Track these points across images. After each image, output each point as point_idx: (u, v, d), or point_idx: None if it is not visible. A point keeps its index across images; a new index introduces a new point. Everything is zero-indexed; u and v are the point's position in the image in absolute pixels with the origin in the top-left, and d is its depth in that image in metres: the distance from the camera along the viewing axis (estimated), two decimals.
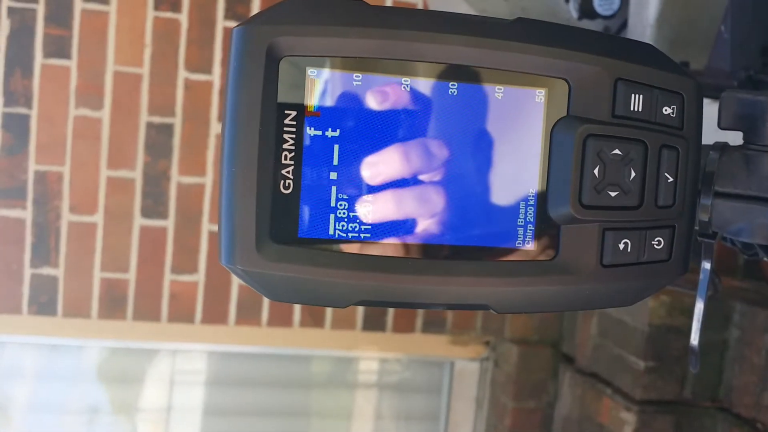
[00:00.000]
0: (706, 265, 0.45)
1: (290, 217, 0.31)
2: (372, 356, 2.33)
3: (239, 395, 2.37)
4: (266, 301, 2.06)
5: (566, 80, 0.33)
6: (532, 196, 0.33)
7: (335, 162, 0.31)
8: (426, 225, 0.32)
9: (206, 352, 2.26)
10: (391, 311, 2.13)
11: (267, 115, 0.30)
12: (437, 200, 0.32)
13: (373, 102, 0.31)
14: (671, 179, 0.33)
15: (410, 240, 0.32)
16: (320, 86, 0.31)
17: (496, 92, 0.32)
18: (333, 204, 0.31)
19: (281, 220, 0.31)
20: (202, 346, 2.21)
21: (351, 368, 2.40)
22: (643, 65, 0.33)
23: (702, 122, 0.34)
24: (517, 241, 0.33)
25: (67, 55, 1.89)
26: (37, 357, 2.22)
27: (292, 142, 0.31)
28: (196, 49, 1.92)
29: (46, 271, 1.97)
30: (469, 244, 0.33)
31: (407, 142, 0.32)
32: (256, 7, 1.92)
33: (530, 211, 0.33)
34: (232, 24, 1.91)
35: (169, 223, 1.97)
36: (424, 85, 0.32)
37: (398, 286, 0.32)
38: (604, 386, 1.98)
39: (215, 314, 2.06)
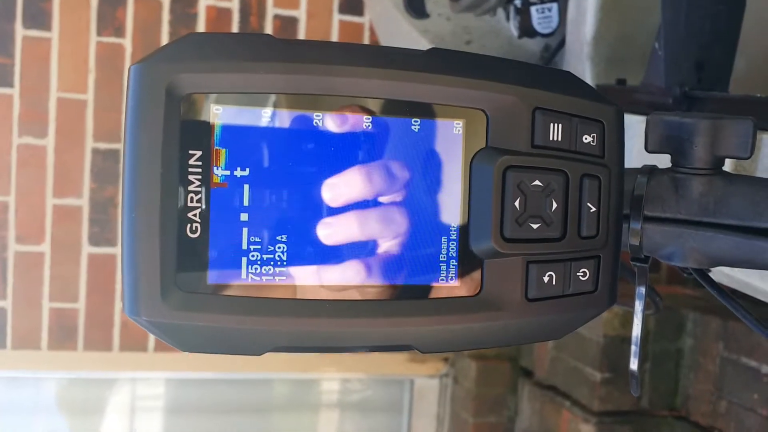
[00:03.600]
0: (641, 290, 0.45)
1: (198, 262, 0.29)
2: (332, 377, 2.31)
3: (201, 422, 2.33)
4: None
5: (483, 111, 0.32)
6: (454, 231, 0.32)
7: (246, 203, 0.30)
8: (345, 265, 0.31)
9: (164, 379, 2.22)
10: None
11: (169, 157, 0.29)
12: (357, 236, 0.31)
13: (283, 139, 0.30)
14: (594, 209, 0.32)
15: (328, 281, 0.31)
16: (226, 124, 0.29)
17: (413, 125, 0.31)
18: (245, 247, 0.30)
19: (189, 266, 0.29)
20: (157, 374, 2.16)
21: (312, 390, 2.37)
22: (562, 93, 0.32)
23: (624, 149, 0.34)
24: (440, 278, 0.32)
25: (9, 83, 1.84)
26: None
27: (198, 183, 0.29)
28: None
29: None
30: (390, 282, 0.32)
31: (321, 180, 0.31)
32: (201, 29, 1.89)
33: (452, 246, 0.32)
34: None
35: (118, 251, 1.93)
36: (337, 119, 0.31)
37: (316, 331, 0.30)
38: (563, 399, 1.99)
39: None
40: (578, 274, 0.33)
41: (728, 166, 0.53)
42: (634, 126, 0.67)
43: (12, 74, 1.84)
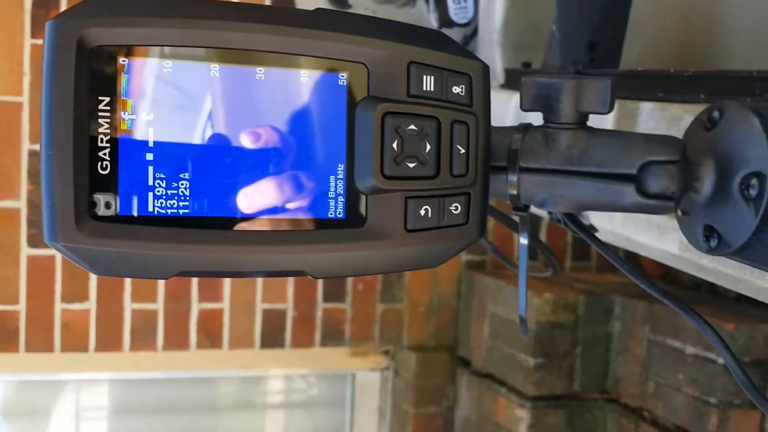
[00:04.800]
0: (523, 240, 0.50)
1: (109, 195, 0.33)
2: (276, 374, 2.33)
3: (146, 422, 2.32)
4: (161, 326, 2.04)
5: (365, 64, 0.36)
6: (341, 171, 0.36)
7: (150, 144, 0.34)
8: (243, 199, 0.35)
9: (108, 380, 2.21)
10: (288, 327, 2.14)
11: (80, 102, 0.32)
12: (253, 176, 0.35)
13: (183, 87, 0.34)
14: (463, 151, 0.37)
15: (228, 213, 0.35)
16: (132, 73, 0.33)
17: (302, 76, 0.36)
18: (151, 183, 0.34)
19: (100, 199, 0.33)
20: (100, 374, 2.16)
21: (256, 388, 2.39)
22: (434, 50, 0.37)
23: (489, 99, 0.39)
24: (329, 212, 0.36)
25: None
26: None
27: (107, 126, 0.33)
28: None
29: None
30: (284, 216, 0.36)
31: (220, 123, 0.34)
32: None
33: (340, 185, 0.36)
34: None
35: (57, 252, 1.93)
36: (232, 70, 0.35)
37: (217, 257, 0.34)
38: (499, 386, 2.05)
39: (109, 341, 2.02)
40: (451, 208, 0.37)
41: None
42: None
43: None
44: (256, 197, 0.35)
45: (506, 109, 0.77)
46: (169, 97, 0.34)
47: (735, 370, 0.41)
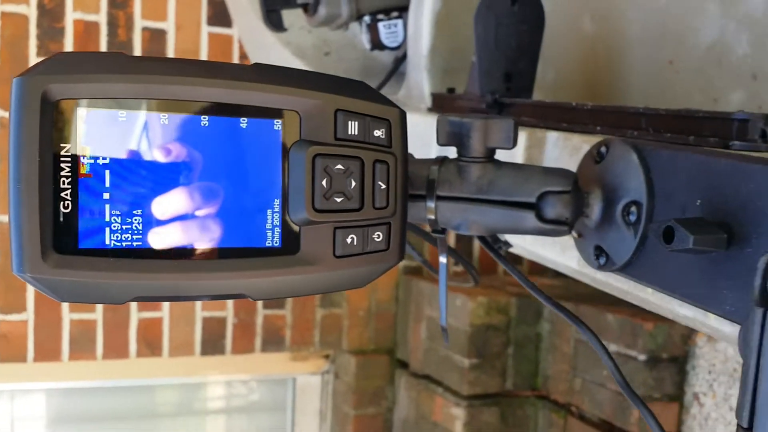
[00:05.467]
0: (443, 259, 0.56)
1: (71, 231, 0.38)
2: (217, 380, 2.35)
3: (85, 431, 2.31)
4: (100, 335, 2.04)
5: (297, 112, 0.41)
6: (278, 205, 0.42)
7: (107, 185, 0.38)
8: (191, 231, 0.40)
9: (45, 390, 2.19)
10: (228, 334, 2.16)
11: (45, 149, 0.37)
12: (200, 209, 0.40)
13: (136, 133, 0.39)
14: (384, 186, 0.43)
15: (177, 244, 0.40)
16: (90, 122, 0.38)
17: (242, 123, 0.41)
18: (107, 219, 0.38)
19: (63, 235, 0.37)
20: (38, 384, 2.14)
21: (197, 395, 2.40)
22: (358, 98, 0.42)
23: (407, 140, 0.44)
24: (267, 241, 0.41)
25: None
26: None
27: (68, 170, 0.37)
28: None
29: None
30: (227, 246, 0.41)
31: (169, 164, 0.39)
32: (69, 43, 1.91)
33: (276, 217, 0.42)
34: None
35: None
36: (180, 118, 0.39)
37: (167, 284, 0.39)
38: (436, 386, 2.12)
39: (48, 351, 2.02)
40: (374, 236, 0.43)
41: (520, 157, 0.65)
42: None
43: None
44: (202, 230, 0.40)
45: (432, 133, 0.83)
46: (124, 144, 0.38)
47: (614, 372, 0.48)
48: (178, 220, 0.40)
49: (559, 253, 0.60)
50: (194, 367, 2.19)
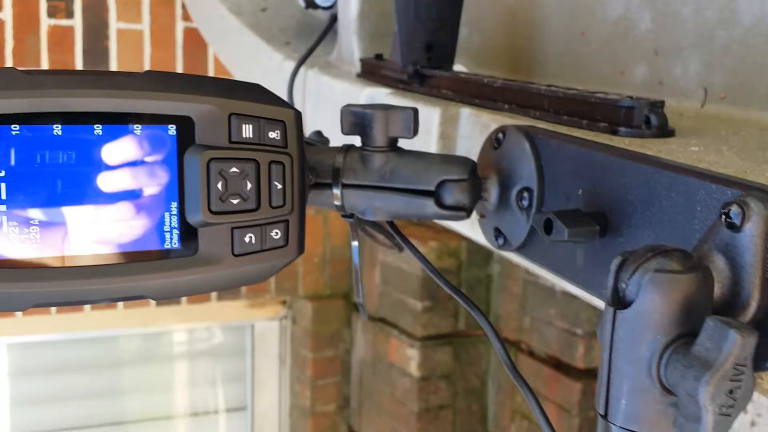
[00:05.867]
0: (354, 243, 0.58)
1: None
2: (178, 328, 2.38)
3: (50, 384, 2.34)
4: None
5: (191, 117, 0.43)
6: (175, 208, 0.43)
7: (3, 197, 0.39)
8: (86, 241, 0.41)
9: (5, 344, 2.21)
10: None
11: None
12: (96, 217, 0.41)
13: (30, 146, 0.40)
14: (280, 186, 0.44)
15: (78, 252, 0.41)
16: None
17: (135, 130, 0.42)
18: (5, 230, 0.40)
19: None
20: None
21: (159, 343, 2.44)
22: (251, 101, 0.44)
23: (303, 140, 0.46)
24: (165, 243, 0.43)
25: None
26: None
27: None
28: None
29: None
30: (126, 249, 0.42)
31: (66, 174, 0.40)
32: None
33: (174, 220, 0.43)
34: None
35: None
36: (74, 129, 0.40)
37: (65, 291, 0.41)
38: (391, 329, 2.18)
39: None
40: (272, 234, 0.45)
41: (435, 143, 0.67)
42: (382, 98, 0.81)
43: None
44: (101, 235, 0.42)
45: (358, 99, 0.84)
46: (19, 156, 0.39)
47: (498, 348, 0.51)
48: (76, 227, 0.41)
49: (470, 229, 0.62)
50: (151, 317, 2.21)
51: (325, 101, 0.95)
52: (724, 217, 0.34)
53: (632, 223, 0.42)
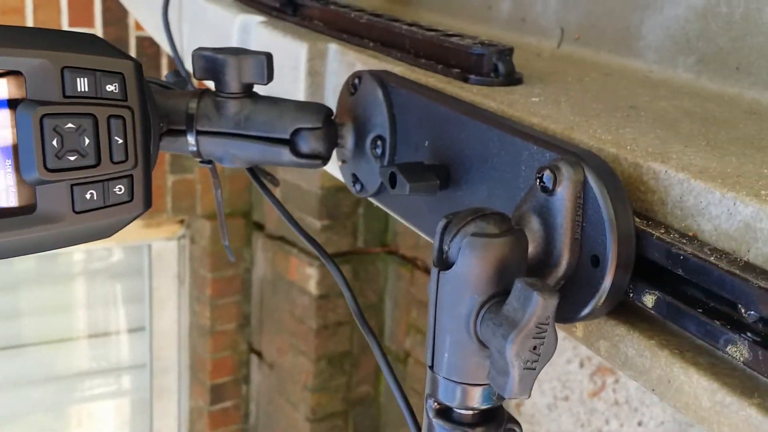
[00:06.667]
0: (217, 191, 0.57)
1: None
2: (75, 248, 2.33)
3: None
4: None
5: (21, 72, 0.41)
6: (9, 165, 0.42)
7: None
8: None
9: None
10: None
11: None
12: None
13: None
14: (121, 141, 0.43)
15: None
16: None
17: None
18: None
19: None
20: None
21: (57, 263, 2.38)
22: (86, 54, 0.42)
23: (144, 93, 0.44)
24: (1, 202, 0.42)
25: None
26: None
27: None
28: None
29: None
30: None
31: None
32: None
33: (9, 178, 0.42)
34: None
35: None
36: None
37: None
38: (291, 247, 2.19)
39: None
40: (115, 189, 0.44)
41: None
42: (254, 27, 0.79)
43: None
44: None
45: (231, 26, 0.82)
46: None
47: (351, 304, 0.53)
48: None
49: (337, 171, 0.63)
50: None
51: (201, 24, 0.92)
52: (538, 180, 0.36)
53: (470, 178, 0.44)
